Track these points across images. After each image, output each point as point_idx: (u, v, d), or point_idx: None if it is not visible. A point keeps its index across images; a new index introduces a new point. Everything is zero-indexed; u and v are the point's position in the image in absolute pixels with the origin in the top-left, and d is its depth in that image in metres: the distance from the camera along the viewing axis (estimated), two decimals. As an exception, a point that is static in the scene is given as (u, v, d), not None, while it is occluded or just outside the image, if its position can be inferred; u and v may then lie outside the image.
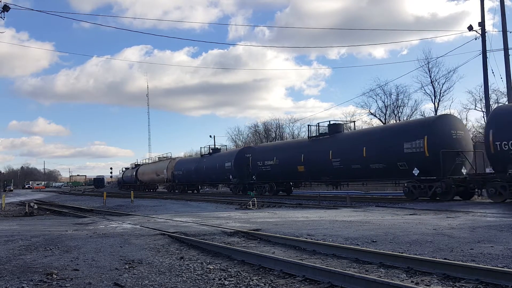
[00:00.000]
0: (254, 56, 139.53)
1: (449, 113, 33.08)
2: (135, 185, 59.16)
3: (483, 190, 17.82)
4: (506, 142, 16.10)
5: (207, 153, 41.36)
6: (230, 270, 5.59)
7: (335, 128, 25.99)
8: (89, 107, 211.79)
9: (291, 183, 30.14)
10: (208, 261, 6.20)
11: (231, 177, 33.60)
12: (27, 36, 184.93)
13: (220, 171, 36.01)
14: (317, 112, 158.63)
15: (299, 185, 30.62)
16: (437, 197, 18.82)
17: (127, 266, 5.85)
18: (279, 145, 34.06)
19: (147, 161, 69.12)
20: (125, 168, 73.27)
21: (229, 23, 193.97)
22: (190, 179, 42.70)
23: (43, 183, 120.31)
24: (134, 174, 60.34)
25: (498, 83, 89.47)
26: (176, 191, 45.63)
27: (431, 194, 18.80)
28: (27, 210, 19.87)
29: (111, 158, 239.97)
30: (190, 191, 44.06)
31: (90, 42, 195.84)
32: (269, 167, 29.74)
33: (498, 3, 23.18)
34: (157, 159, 55.30)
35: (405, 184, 20.39)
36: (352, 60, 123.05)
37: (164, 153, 57.08)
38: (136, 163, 71.11)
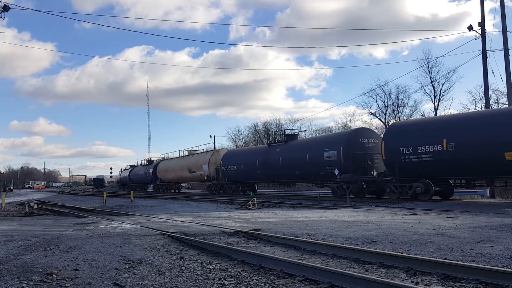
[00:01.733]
0: (255, 56, 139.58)
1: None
2: (153, 185, 52.42)
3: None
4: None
5: (276, 141, 31.65)
6: (230, 270, 5.59)
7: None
8: (90, 107, 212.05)
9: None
10: (208, 261, 6.20)
11: (336, 172, 23.07)
12: (29, 36, 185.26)
13: (312, 164, 25.34)
14: (318, 112, 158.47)
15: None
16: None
17: (127, 266, 5.85)
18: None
19: (146, 161, 65.71)
20: (130, 166, 68.34)
21: (230, 24, 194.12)
22: (253, 176, 31.56)
23: (43, 183, 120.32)
24: (150, 171, 51.92)
25: (498, 83, 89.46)
26: (221, 191, 35.20)
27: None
28: (27, 210, 19.87)
29: (111, 158, 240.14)
30: (249, 191, 32.03)
31: (92, 42, 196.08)
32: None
33: (498, 3, 23.17)
34: (185, 152, 45.46)
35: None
36: (353, 61, 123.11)
37: (190, 147, 46.50)
38: (131, 165, 69.32)
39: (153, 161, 56.61)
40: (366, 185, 22.14)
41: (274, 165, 28.86)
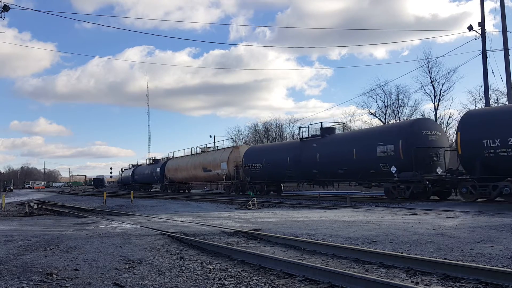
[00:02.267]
0: (256, 56, 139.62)
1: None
2: (160, 185, 49.01)
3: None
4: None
5: (309, 135, 27.23)
6: (230, 270, 5.59)
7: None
8: (90, 107, 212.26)
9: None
10: (208, 261, 6.20)
11: (393, 170, 20.03)
12: (29, 37, 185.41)
13: (360, 161, 22.01)
14: (318, 112, 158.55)
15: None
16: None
17: (127, 266, 5.85)
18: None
19: (146, 162, 62.70)
20: (132, 165, 65.86)
21: (230, 24, 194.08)
22: (281, 175, 28.03)
23: (43, 183, 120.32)
24: (156, 170, 48.60)
25: (498, 83, 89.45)
26: (241, 191, 32.20)
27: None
28: (27, 210, 19.87)
29: (112, 158, 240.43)
30: (275, 193, 30.27)
31: (92, 42, 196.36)
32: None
33: (498, 3, 23.19)
34: (197, 150, 42.11)
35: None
36: (353, 61, 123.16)
37: (205, 145, 43.35)
38: (133, 164, 66.95)
39: (159, 159, 53.59)
40: (430, 184, 18.93)
41: (310, 162, 25.15)
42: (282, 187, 30.94)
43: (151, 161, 55.81)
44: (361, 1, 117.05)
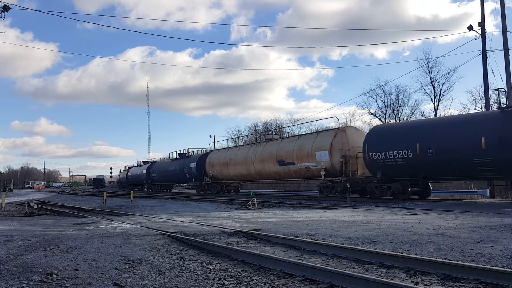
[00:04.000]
0: (257, 57, 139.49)
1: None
2: (197, 184, 39.68)
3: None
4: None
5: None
6: (230, 270, 5.59)
7: None
8: (91, 107, 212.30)
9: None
10: (208, 261, 6.20)
11: None
12: (31, 37, 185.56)
13: None
14: (319, 112, 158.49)
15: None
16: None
17: (127, 266, 5.85)
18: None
19: (177, 155, 53.15)
20: (143, 162, 58.91)
21: (232, 24, 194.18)
22: (461, 166, 17.08)
23: (43, 183, 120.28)
24: (190, 166, 39.30)
25: (498, 83, 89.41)
26: (349, 193, 19.88)
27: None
28: (27, 210, 19.87)
29: (112, 158, 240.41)
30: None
31: (94, 43, 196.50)
32: None
33: (499, 4, 23.16)
34: (258, 138, 34.00)
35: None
36: (354, 61, 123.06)
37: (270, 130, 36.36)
38: (144, 161, 60.11)
39: (185, 153, 44.01)
40: None
41: None
42: (431, 187, 20.86)
43: (176, 156, 45.67)
44: (362, 2, 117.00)
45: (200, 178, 37.76)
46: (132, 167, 62.75)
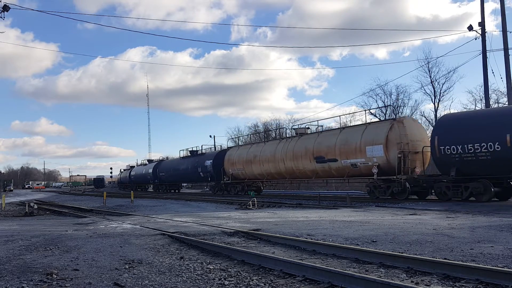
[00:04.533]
0: (257, 57, 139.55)
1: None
2: (213, 184, 36.20)
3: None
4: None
5: None
6: (230, 270, 5.59)
7: None
8: (91, 107, 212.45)
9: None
10: (208, 261, 6.20)
11: None
12: (32, 37, 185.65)
13: None
14: (319, 112, 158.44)
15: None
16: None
17: (127, 266, 5.85)
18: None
19: (146, 161, 55.20)
20: (148, 161, 55.98)
21: (232, 24, 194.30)
22: None
23: (43, 183, 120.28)
24: (206, 164, 36.06)
25: (498, 83, 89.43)
26: (408, 195, 19.46)
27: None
28: (27, 210, 19.87)
29: (112, 158, 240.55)
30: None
31: (94, 43, 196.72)
32: None
33: (500, 4, 23.17)
34: (290, 132, 31.17)
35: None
36: (355, 61, 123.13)
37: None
38: (149, 159, 57.90)
39: (196, 151, 40.88)
40: None
41: None
42: None
43: (187, 153, 42.55)
44: (362, 2, 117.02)
45: (218, 177, 34.37)
46: (134, 166, 60.97)
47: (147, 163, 54.94)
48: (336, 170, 23.31)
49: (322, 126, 27.95)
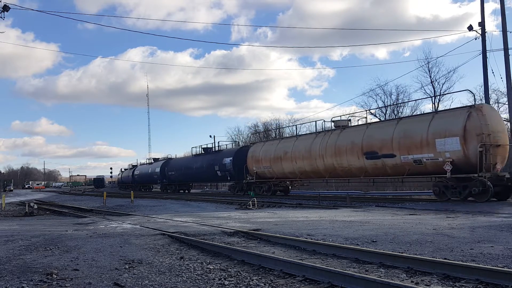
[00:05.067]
0: (257, 57, 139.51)
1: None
2: (233, 183, 32.96)
3: None
4: None
5: None
6: (230, 270, 5.59)
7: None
8: (91, 107, 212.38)
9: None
10: (208, 261, 6.20)
11: None
12: (32, 37, 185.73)
13: None
14: (319, 111, 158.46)
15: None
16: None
17: (127, 266, 5.85)
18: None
19: (151, 159, 52.07)
20: (153, 159, 53.00)
21: (232, 24, 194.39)
22: None
23: (43, 183, 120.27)
24: (225, 161, 32.71)
25: (498, 83, 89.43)
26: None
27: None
28: (27, 210, 19.87)
29: (112, 158, 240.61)
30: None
31: (95, 43, 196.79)
32: None
33: (500, 4, 23.16)
34: (327, 125, 26.04)
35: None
36: (355, 61, 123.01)
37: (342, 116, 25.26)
38: (154, 158, 54.61)
39: (211, 148, 37.97)
40: None
41: None
42: None
43: (200, 150, 39.17)
44: (362, 2, 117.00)
45: (239, 176, 31.12)
46: (137, 165, 58.64)
47: (153, 161, 52.03)
48: (392, 167, 19.88)
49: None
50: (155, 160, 52.17)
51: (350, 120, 25.13)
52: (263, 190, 29.05)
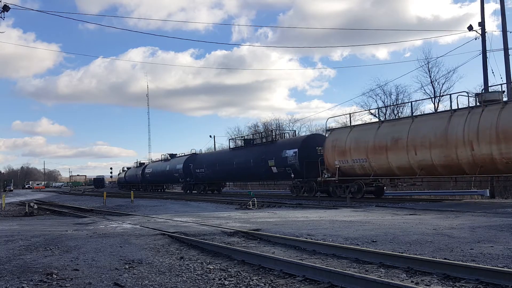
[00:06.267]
0: (258, 57, 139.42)
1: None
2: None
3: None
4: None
5: None
6: (230, 270, 5.59)
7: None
8: (92, 107, 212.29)
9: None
10: (208, 261, 6.20)
11: None
12: (34, 37, 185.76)
13: None
14: (319, 111, 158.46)
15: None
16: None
17: (127, 266, 5.85)
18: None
19: (167, 155, 45.66)
20: (170, 155, 46.71)
21: (233, 24, 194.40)
22: None
23: (43, 183, 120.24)
24: (290, 154, 25.66)
25: (498, 83, 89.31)
26: None
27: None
28: (27, 210, 19.86)
29: (113, 158, 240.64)
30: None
31: (96, 43, 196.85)
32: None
33: (500, 4, 23.15)
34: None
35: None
36: (356, 62, 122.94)
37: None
38: (171, 153, 48.35)
39: (252, 139, 32.99)
40: None
41: None
42: None
43: (241, 143, 33.66)
44: (363, 2, 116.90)
45: (308, 173, 24.42)
46: (145, 163, 54.08)
47: (169, 157, 45.72)
48: None
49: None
50: (172, 156, 45.40)
51: (504, 91, 19.27)
52: (351, 191, 21.55)
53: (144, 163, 54.87)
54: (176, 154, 46.07)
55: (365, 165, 20.88)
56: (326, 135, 24.70)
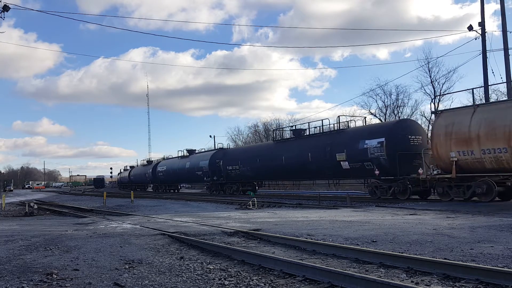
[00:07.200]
0: (258, 57, 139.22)
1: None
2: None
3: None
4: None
5: None
6: (230, 270, 5.59)
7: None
8: (92, 107, 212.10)
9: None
10: (208, 261, 6.20)
11: None
12: (35, 37, 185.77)
13: None
14: (320, 111, 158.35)
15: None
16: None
17: (127, 266, 5.85)
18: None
19: (185, 151, 40.76)
20: (188, 151, 40.84)
21: (234, 24, 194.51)
22: None
23: (43, 183, 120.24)
24: (374, 143, 20.20)
25: (498, 82, 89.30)
26: None
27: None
28: (27, 210, 19.87)
29: (113, 158, 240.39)
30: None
31: (97, 43, 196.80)
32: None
33: (500, 4, 23.16)
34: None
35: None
36: (356, 62, 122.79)
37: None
38: (148, 160, 50.42)
39: (301, 129, 27.85)
40: None
41: None
42: None
43: (290, 136, 28.42)
44: (364, 2, 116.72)
45: (402, 169, 19.38)
46: (153, 161, 50.11)
47: (187, 153, 40.50)
48: None
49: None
50: (191, 152, 39.90)
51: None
52: (470, 192, 16.41)
53: (152, 161, 50.75)
54: (195, 150, 40.49)
55: (503, 158, 15.33)
56: (431, 118, 18.92)
